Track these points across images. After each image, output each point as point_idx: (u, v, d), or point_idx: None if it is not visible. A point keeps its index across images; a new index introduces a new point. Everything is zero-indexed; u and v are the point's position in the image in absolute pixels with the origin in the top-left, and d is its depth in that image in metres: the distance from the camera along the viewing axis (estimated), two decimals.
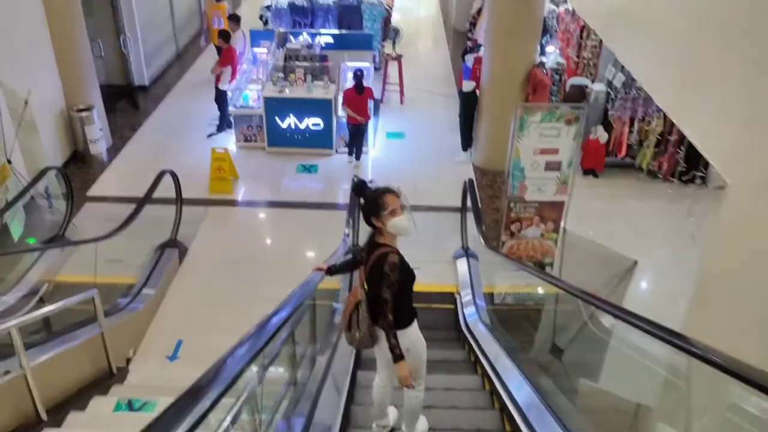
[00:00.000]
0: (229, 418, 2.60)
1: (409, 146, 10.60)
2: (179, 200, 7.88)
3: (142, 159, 9.75)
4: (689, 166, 9.28)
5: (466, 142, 10.02)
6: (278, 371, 4.08)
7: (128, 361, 5.98)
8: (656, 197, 9.25)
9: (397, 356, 3.21)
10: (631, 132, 9.19)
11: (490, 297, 7.00)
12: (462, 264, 7.35)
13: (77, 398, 4.98)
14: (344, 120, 9.64)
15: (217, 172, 8.91)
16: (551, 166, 6.46)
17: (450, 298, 7.15)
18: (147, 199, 7.12)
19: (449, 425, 4.31)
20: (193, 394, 2.03)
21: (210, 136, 10.44)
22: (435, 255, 7.72)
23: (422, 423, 3.97)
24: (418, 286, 3.51)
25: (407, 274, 3.28)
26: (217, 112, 10.50)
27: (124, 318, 6.06)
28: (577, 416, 3.85)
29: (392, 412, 4.05)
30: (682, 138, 9.06)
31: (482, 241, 6.49)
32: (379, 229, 3.24)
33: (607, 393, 4.35)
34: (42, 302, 6.00)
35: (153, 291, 6.67)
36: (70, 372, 5.04)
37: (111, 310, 5.98)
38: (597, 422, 3.91)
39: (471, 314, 6.34)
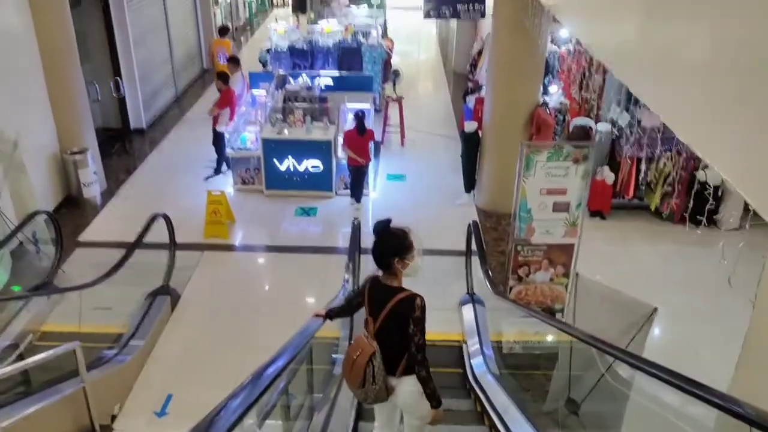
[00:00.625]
0: None
1: (411, 188, 10.38)
2: (172, 245, 7.59)
3: (136, 203, 9.50)
4: (697, 208, 9.00)
5: (469, 183, 9.79)
6: (274, 424, 3.76)
7: (113, 418, 5.60)
8: (666, 240, 8.96)
9: (439, 401, 3.27)
10: (638, 172, 8.95)
11: (497, 345, 6.65)
12: (468, 311, 7.00)
13: None
14: (344, 161, 9.44)
15: (213, 215, 8.65)
16: (559, 207, 6.19)
17: (456, 352, 6.80)
18: (137, 243, 6.83)
19: None
20: None
21: (207, 178, 10.23)
22: (438, 301, 7.35)
23: None
24: None
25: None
26: (215, 155, 10.30)
27: (110, 371, 5.70)
28: None
29: None
30: (692, 178, 8.83)
31: (489, 286, 6.18)
32: (393, 271, 3.24)
33: None
34: (22, 357, 5.64)
35: (142, 342, 6.31)
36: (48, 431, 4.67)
37: (96, 362, 5.63)
38: None
39: (478, 365, 5.97)
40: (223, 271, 8.15)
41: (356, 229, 7.00)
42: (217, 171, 10.33)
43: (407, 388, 3.29)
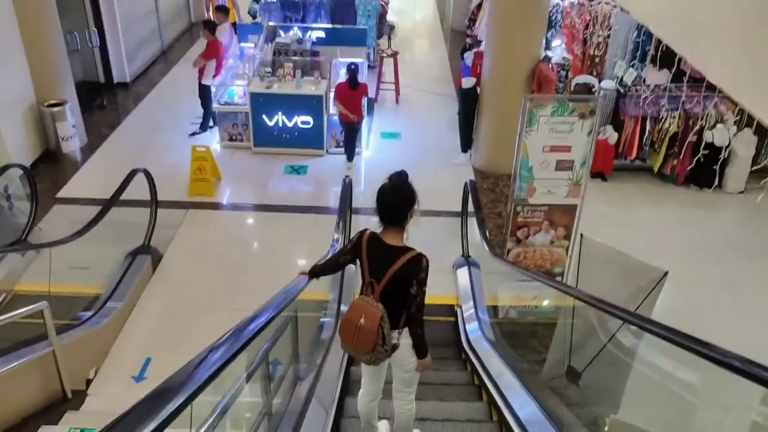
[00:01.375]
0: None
1: (405, 147, 9.98)
2: (154, 202, 7.21)
3: (118, 159, 9.05)
4: (702, 170, 8.68)
5: (466, 142, 9.40)
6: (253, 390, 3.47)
7: (88, 382, 5.31)
8: (670, 202, 8.66)
9: (426, 351, 3.30)
10: (642, 132, 8.58)
11: (493, 311, 6.38)
12: (463, 274, 6.71)
13: (22, 428, 4.32)
14: (336, 118, 9.02)
15: (198, 172, 8.25)
16: (563, 166, 5.83)
17: (450, 311, 6.53)
18: (115, 199, 6.47)
19: None
20: (159, 397, 1.82)
21: (193, 135, 9.79)
22: (432, 264, 7.07)
23: None
24: None
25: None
26: (201, 110, 9.84)
27: (84, 333, 5.38)
28: None
29: (383, 426, 3.80)
30: (698, 140, 8.47)
31: (486, 248, 5.86)
32: (398, 229, 3.18)
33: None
34: None
35: (120, 303, 5.99)
36: (13, 397, 4.37)
37: (69, 324, 5.31)
38: None
39: (473, 330, 5.70)
40: (207, 231, 7.80)
41: (347, 187, 6.64)
42: (204, 127, 9.88)
43: (404, 341, 3.26)
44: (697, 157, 8.56)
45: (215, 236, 7.70)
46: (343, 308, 5.40)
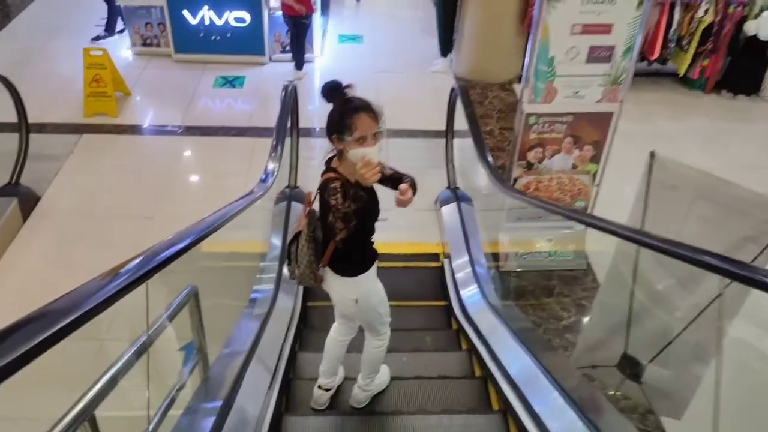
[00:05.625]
0: None
1: (369, 52, 8.01)
2: (23, 124, 5.21)
3: None
4: (742, 71, 6.99)
5: (446, 43, 7.48)
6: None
7: None
8: (698, 114, 6.99)
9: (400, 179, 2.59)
10: (669, 26, 6.76)
11: (493, 260, 4.72)
12: (450, 212, 4.98)
13: None
14: (279, 13, 6.98)
15: (94, 84, 6.21)
16: (598, 55, 4.02)
17: (433, 261, 4.86)
18: None
19: None
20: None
21: (97, 39, 7.62)
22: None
23: (384, 374, 3.27)
24: (382, 247, 2.76)
25: (365, 204, 2.44)
26: (105, 5, 7.65)
27: None
28: None
29: (340, 372, 3.29)
30: (737, 33, 6.72)
31: (488, 173, 4.09)
32: (341, 150, 2.45)
33: None
34: None
35: None
36: None
37: None
38: None
39: (471, 296, 4.01)
40: (105, 163, 5.82)
41: (290, 97, 4.74)
42: (110, 29, 7.71)
43: (335, 286, 2.74)
44: (734, 55, 6.85)
45: (116, 170, 5.73)
46: None
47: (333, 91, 2.41)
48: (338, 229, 2.33)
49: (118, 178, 5.61)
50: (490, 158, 4.13)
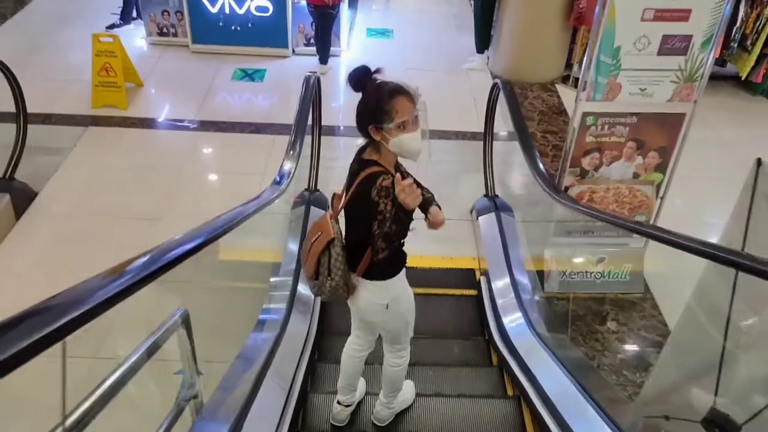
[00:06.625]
0: None
1: (399, 48, 7.49)
2: (21, 113, 4.76)
3: (6, 58, 6.52)
4: None
5: (483, 40, 6.92)
6: None
7: None
8: (763, 122, 6.34)
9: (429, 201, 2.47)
10: (733, 22, 6.13)
11: (539, 281, 4.14)
12: (488, 223, 4.42)
13: None
14: (303, 2, 6.49)
15: (104, 74, 5.76)
16: (672, 46, 3.44)
17: (467, 280, 4.30)
18: None
19: None
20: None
21: (111, 27, 7.20)
22: (442, 207, 4.81)
23: (407, 391, 2.98)
24: (410, 260, 2.47)
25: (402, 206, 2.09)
26: None
27: None
28: None
29: (361, 385, 3.01)
30: None
31: (540, 181, 3.52)
32: (377, 142, 2.23)
33: None
34: None
35: None
36: None
37: None
38: None
39: (515, 324, 3.44)
40: (112, 158, 5.35)
41: (312, 89, 4.23)
42: (125, 17, 7.29)
43: (370, 297, 2.43)
44: None
45: (121, 167, 5.24)
46: None
47: (364, 76, 2.19)
48: (380, 249, 2.17)
49: (123, 175, 5.13)
50: (541, 165, 3.55)
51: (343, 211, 2.39)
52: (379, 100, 2.15)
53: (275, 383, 2.69)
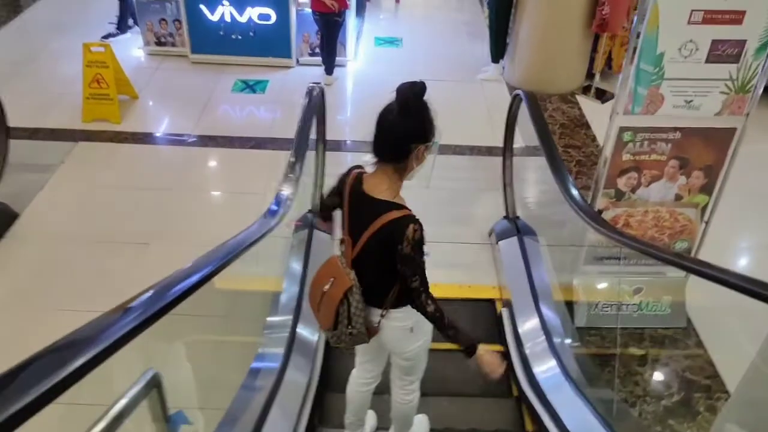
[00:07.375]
0: None
1: (409, 57, 7.13)
2: (2, 128, 4.40)
3: None
4: None
5: (499, 48, 6.54)
6: None
7: None
8: None
9: (470, 345, 2.13)
10: None
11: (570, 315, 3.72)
12: (510, 248, 4.01)
13: None
14: (308, 9, 6.14)
15: (95, 85, 5.41)
16: (721, 53, 3.04)
17: (486, 310, 3.90)
18: None
19: None
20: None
21: (107, 37, 6.87)
22: (455, 231, 4.41)
23: (420, 426, 2.86)
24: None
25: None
26: (117, 1, 6.90)
27: None
28: None
29: (371, 419, 2.91)
30: None
31: (571, 202, 3.09)
32: (390, 172, 2.05)
33: None
34: None
35: None
36: None
37: None
38: None
39: (546, 370, 3.02)
40: (103, 176, 4.97)
41: (316, 100, 3.85)
42: (122, 26, 6.96)
43: (394, 323, 2.26)
44: None
45: (111, 185, 4.86)
46: None
47: (422, 92, 1.98)
48: (429, 303, 2.07)
49: (113, 195, 4.75)
50: (575, 190, 3.12)
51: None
52: (430, 115, 2.03)
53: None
